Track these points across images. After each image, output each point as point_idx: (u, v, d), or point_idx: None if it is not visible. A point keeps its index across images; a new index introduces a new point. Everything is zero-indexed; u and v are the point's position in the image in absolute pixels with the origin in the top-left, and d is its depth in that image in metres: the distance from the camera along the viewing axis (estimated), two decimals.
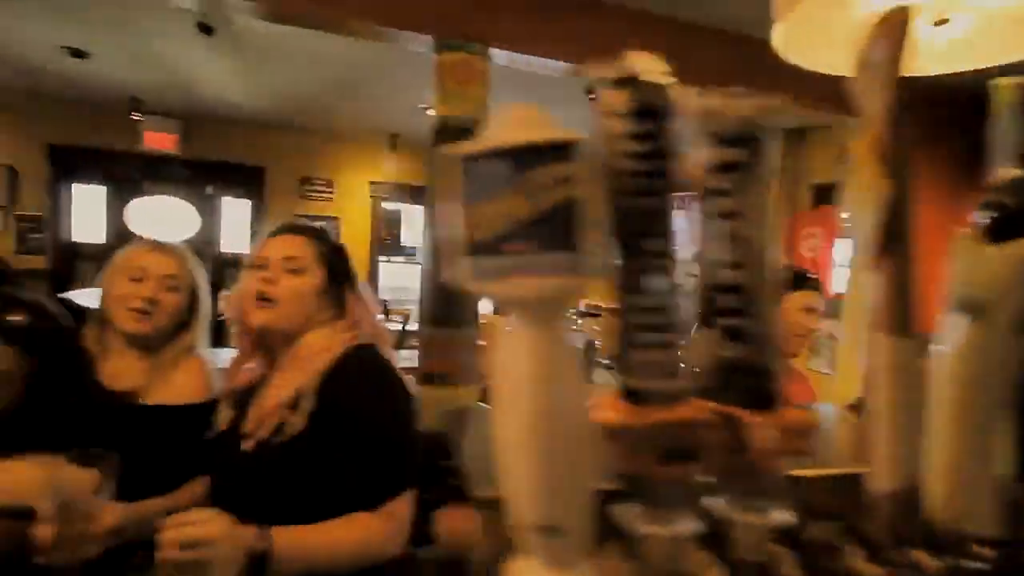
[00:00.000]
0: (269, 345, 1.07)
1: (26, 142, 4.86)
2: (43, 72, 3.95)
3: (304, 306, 1.02)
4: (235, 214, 5.65)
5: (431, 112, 4.23)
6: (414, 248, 6.11)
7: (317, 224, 1.20)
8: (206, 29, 2.53)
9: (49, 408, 1.02)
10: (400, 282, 6.05)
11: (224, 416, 1.06)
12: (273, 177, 5.51)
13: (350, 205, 5.79)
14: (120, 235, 5.29)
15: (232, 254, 5.49)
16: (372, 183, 5.83)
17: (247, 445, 0.96)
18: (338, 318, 1.06)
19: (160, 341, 1.17)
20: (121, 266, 1.17)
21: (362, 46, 3.11)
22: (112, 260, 1.19)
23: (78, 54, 3.50)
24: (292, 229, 1.10)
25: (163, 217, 5.40)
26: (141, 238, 1.29)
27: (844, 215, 3.88)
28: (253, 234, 5.58)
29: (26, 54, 3.61)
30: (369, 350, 1.02)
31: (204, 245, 5.53)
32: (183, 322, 1.21)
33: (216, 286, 5.39)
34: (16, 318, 1.06)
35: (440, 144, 2.17)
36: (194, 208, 5.45)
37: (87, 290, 1.34)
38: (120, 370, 1.12)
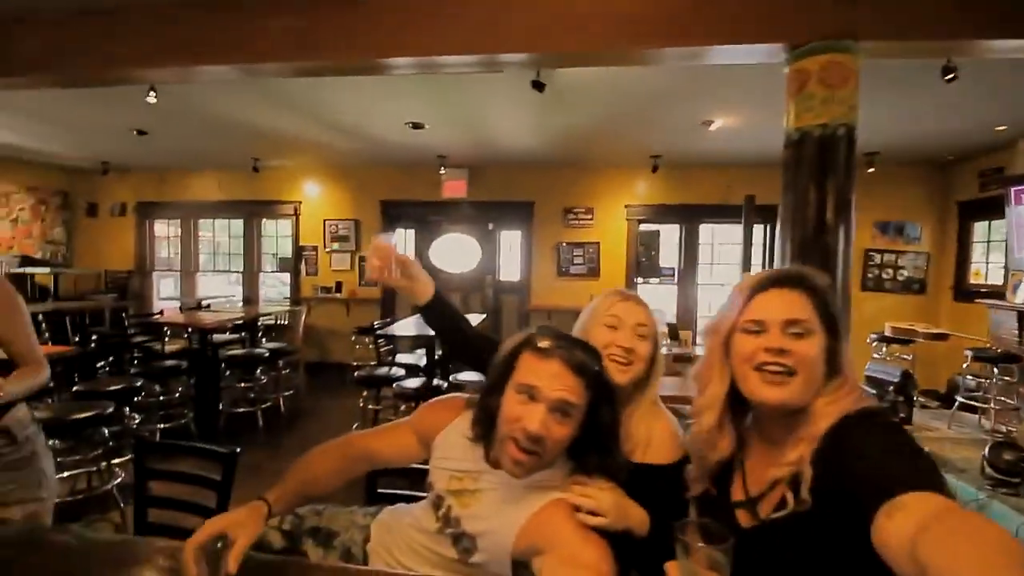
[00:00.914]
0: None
1: (366, 200, 6.31)
2: (385, 143, 5.05)
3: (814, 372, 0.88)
4: (509, 243, 6.34)
5: (715, 126, 4.21)
6: (671, 268, 5.99)
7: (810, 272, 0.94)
8: (539, 86, 2.89)
9: None
10: (655, 304, 5.98)
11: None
12: (540, 209, 6.05)
13: (609, 228, 5.99)
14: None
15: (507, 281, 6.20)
16: (627, 206, 5.95)
17: (748, 521, 0.92)
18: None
19: (633, 391, 1.17)
20: (599, 314, 1.21)
21: (644, 77, 3.20)
22: (592, 309, 1.24)
23: (417, 126, 4.39)
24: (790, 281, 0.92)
25: (454, 250, 6.39)
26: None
27: None
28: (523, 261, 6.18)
29: (375, 130, 4.66)
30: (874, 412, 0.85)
31: (485, 273, 6.36)
32: (648, 373, 1.19)
33: (496, 310, 6.07)
34: None
35: (795, 158, 2.03)
36: (476, 242, 6.32)
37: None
38: None
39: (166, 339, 4.73)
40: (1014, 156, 4.49)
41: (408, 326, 4.48)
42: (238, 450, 1.32)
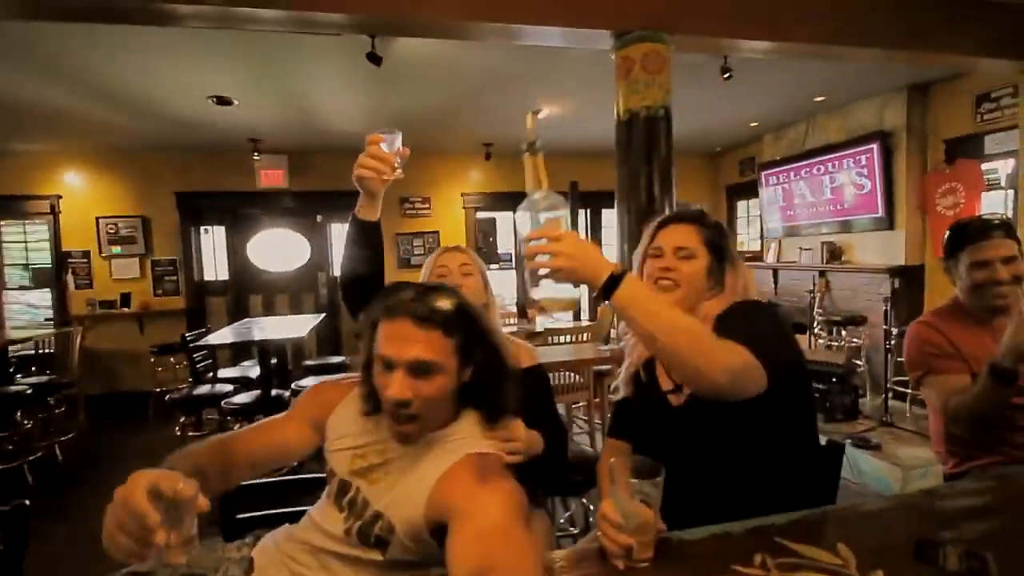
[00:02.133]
0: None
1: (156, 192, 5.27)
2: (183, 122, 4.25)
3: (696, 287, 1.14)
4: (342, 236, 5.90)
5: (543, 114, 4.44)
6: (508, 254, 6.24)
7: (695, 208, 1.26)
8: (375, 59, 2.69)
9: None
10: (497, 288, 6.18)
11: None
12: None
13: (446, 217, 5.97)
14: (238, 271, 5.67)
15: None
16: (463, 194, 6.00)
17: (678, 400, 1.11)
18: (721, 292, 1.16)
19: None
20: (431, 269, 1.39)
21: (479, 57, 3.25)
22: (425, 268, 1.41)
23: (224, 102, 3.78)
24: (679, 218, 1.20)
25: (278, 247, 5.73)
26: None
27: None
28: None
29: (170, 105, 3.88)
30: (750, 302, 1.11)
31: (316, 269, 5.83)
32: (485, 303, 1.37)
33: (334, 309, 5.67)
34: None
35: (627, 137, 2.25)
36: (303, 237, 5.76)
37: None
38: None
39: None
40: (762, 147, 5.66)
41: (227, 334, 3.89)
42: (26, 502, 0.97)
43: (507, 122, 4.63)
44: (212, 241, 5.65)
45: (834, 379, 3.60)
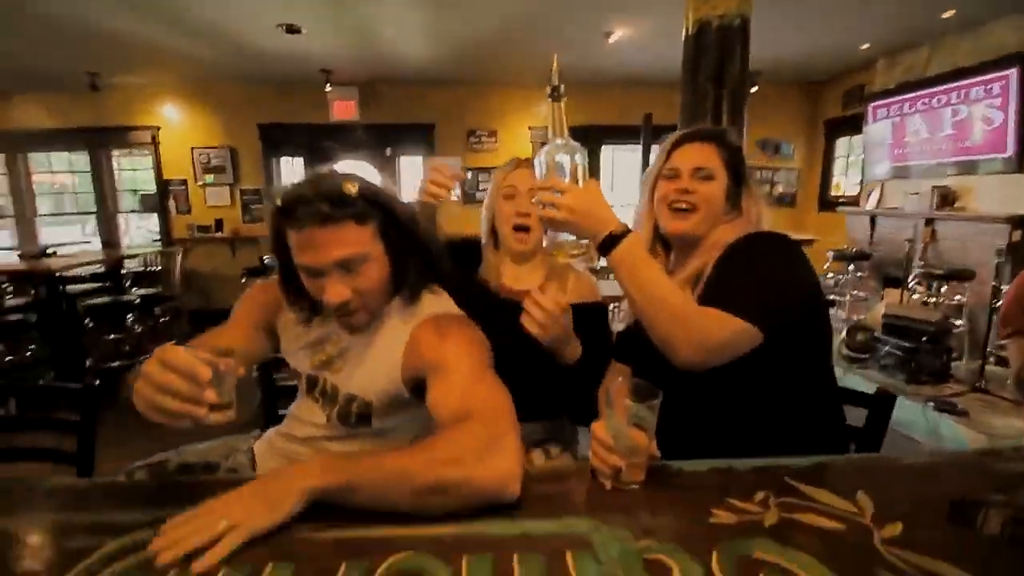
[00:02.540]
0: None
1: (242, 124, 5.56)
2: (258, 53, 4.38)
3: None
4: (411, 169, 5.99)
5: (614, 38, 4.12)
6: None
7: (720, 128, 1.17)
8: None
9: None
10: None
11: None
12: (441, 131, 5.73)
13: (513, 152, 5.85)
14: None
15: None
16: (531, 128, 5.81)
17: None
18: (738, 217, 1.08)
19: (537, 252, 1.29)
20: (498, 187, 1.29)
21: None
22: (492, 184, 1.31)
23: (292, 30, 3.83)
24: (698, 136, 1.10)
25: None
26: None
27: None
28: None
29: (243, 34, 3.96)
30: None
31: None
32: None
33: None
34: None
35: (695, 53, 2.02)
36: (375, 169, 5.90)
37: None
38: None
39: (7, 295, 3.98)
40: (874, 75, 4.93)
41: None
42: (97, 382, 1.11)
43: (575, 46, 4.35)
44: (292, 171, 5.95)
45: (924, 338, 3.24)
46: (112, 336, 4.00)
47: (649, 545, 0.64)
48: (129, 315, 3.93)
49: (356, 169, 0.92)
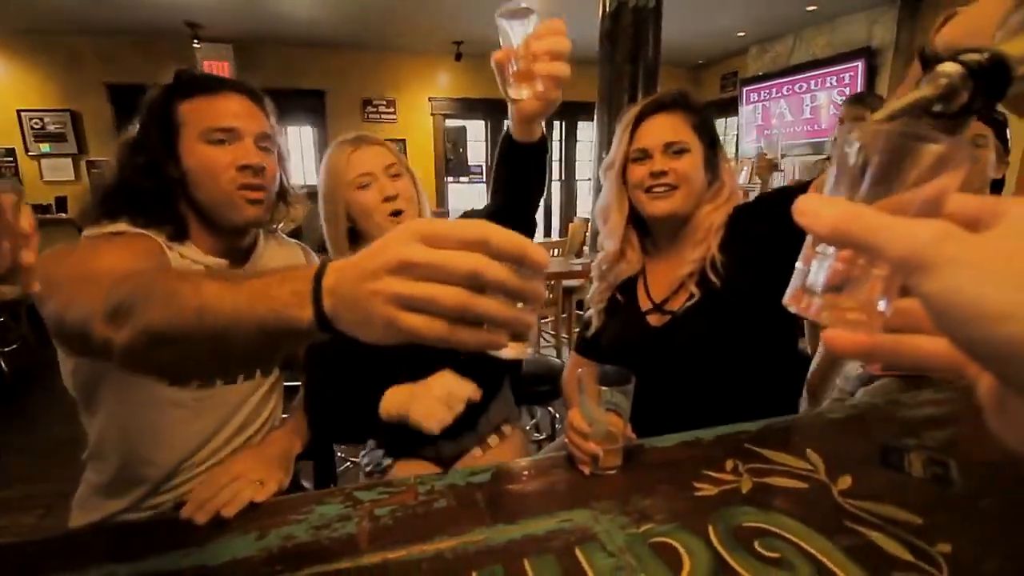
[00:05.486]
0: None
1: (86, 83, 4.69)
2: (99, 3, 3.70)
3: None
4: (299, 141, 5.50)
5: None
6: (479, 167, 5.97)
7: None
8: None
9: None
10: (468, 204, 5.99)
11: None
12: (334, 99, 5.31)
13: (413, 124, 5.61)
14: None
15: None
16: (431, 99, 5.60)
17: (657, 321, 1.02)
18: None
19: None
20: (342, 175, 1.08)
21: None
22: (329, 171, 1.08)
23: None
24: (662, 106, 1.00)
25: None
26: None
27: None
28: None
29: None
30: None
31: None
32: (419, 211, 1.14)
33: (295, 225, 5.40)
34: None
35: (612, 31, 2.04)
36: None
37: None
38: None
39: None
40: (747, 61, 5.41)
41: None
42: None
43: (478, 14, 4.23)
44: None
45: None
46: None
47: (651, 528, 0.65)
48: None
49: None
